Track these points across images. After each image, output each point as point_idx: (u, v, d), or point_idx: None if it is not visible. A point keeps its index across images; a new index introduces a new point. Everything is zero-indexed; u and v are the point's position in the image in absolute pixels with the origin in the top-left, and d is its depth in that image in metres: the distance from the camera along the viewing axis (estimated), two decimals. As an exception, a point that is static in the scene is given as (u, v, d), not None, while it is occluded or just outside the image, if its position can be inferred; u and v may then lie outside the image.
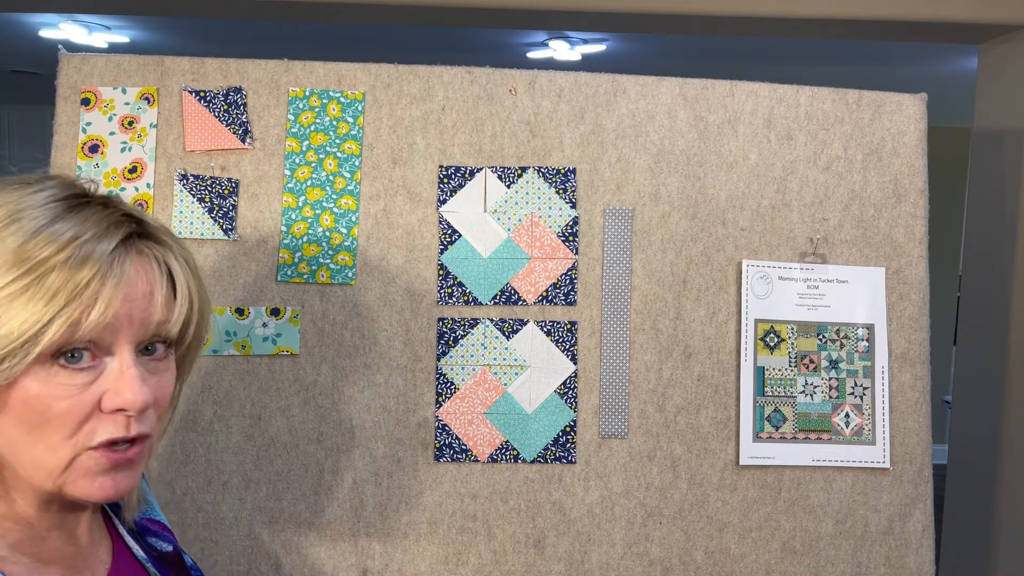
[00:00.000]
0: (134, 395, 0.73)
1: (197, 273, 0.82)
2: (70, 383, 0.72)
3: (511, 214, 1.35)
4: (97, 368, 0.73)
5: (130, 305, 0.74)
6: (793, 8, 1.81)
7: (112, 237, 0.73)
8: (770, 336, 1.38)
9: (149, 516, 0.96)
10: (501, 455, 1.33)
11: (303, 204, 1.32)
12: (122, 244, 0.74)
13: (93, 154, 1.30)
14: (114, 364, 0.73)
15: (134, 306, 0.74)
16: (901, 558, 1.39)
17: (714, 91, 1.39)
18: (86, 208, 0.75)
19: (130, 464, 0.76)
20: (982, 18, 1.84)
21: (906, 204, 1.42)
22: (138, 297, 0.74)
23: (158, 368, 0.78)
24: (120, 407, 0.73)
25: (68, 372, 0.72)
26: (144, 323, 0.75)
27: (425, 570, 1.32)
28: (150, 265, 0.76)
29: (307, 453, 1.31)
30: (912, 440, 1.40)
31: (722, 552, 1.36)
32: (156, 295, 0.76)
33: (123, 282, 0.73)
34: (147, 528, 0.93)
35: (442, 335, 1.33)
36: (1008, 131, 1.91)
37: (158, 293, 0.76)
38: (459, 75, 1.36)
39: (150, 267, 0.76)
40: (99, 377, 0.73)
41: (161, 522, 0.97)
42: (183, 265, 0.79)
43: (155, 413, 0.78)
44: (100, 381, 0.73)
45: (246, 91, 1.32)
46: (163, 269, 0.77)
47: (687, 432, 1.37)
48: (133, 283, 0.74)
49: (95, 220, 0.74)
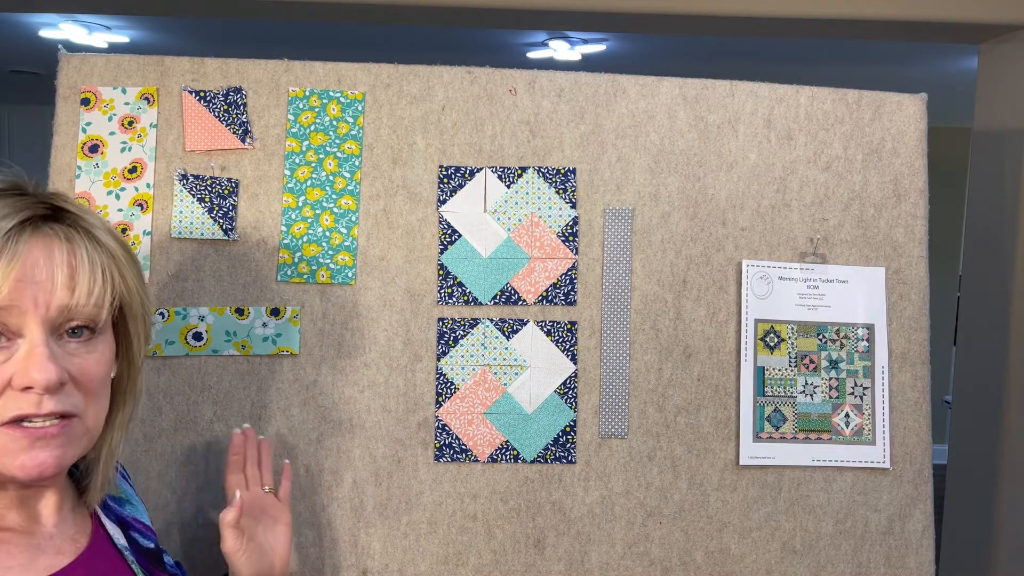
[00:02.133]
0: (39, 372, 0.75)
1: (124, 257, 0.83)
2: None
3: (511, 214, 1.35)
4: (10, 349, 0.76)
5: (33, 287, 0.75)
6: (793, 8, 1.81)
7: (11, 219, 0.75)
8: (770, 336, 1.38)
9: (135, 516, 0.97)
10: (501, 455, 1.33)
11: (303, 204, 1.32)
12: (20, 225, 0.76)
13: (93, 154, 1.30)
14: (24, 345, 0.76)
15: (37, 288, 0.76)
16: (901, 558, 1.39)
17: (714, 91, 1.39)
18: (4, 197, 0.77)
19: (51, 441, 0.78)
20: (982, 18, 1.84)
21: (906, 204, 1.42)
22: (41, 279, 0.76)
23: (80, 350, 0.80)
24: (27, 384, 0.75)
25: None
26: (51, 304, 0.76)
27: (425, 570, 1.32)
28: (53, 246, 0.78)
29: (307, 453, 1.31)
30: (912, 440, 1.40)
31: (722, 552, 1.36)
32: (58, 276, 0.77)
33: (15, 261, 0.74)
34: (133, 525, 0.95)
35: (442, 335, 1.33)
36: (1008, 131, 1.91)
37: (60, 274, 0.77)
38: (459, 75, 1.36)
39: (52, 246, 0.77)
40: (11, 358, 0.76)
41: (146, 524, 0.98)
42: (98, 247, 0.80)
43: (81, 393, 0.80)
44: (11, 361, 0.76)
45: (246, 91, 1.32)
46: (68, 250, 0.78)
47: (687, 432, 1.37)
48: (29, 263, 0.76)
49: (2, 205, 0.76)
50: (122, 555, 0.89)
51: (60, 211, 0.80)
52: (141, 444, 1.28)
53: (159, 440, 1.28)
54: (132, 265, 0.85)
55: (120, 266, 0.83)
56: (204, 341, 1.29)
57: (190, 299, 1.29)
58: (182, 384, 1.29)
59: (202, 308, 1.29)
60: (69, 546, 0.86)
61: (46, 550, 0.84)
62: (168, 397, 1.29)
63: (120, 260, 0.83)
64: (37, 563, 0.82)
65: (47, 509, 0.86)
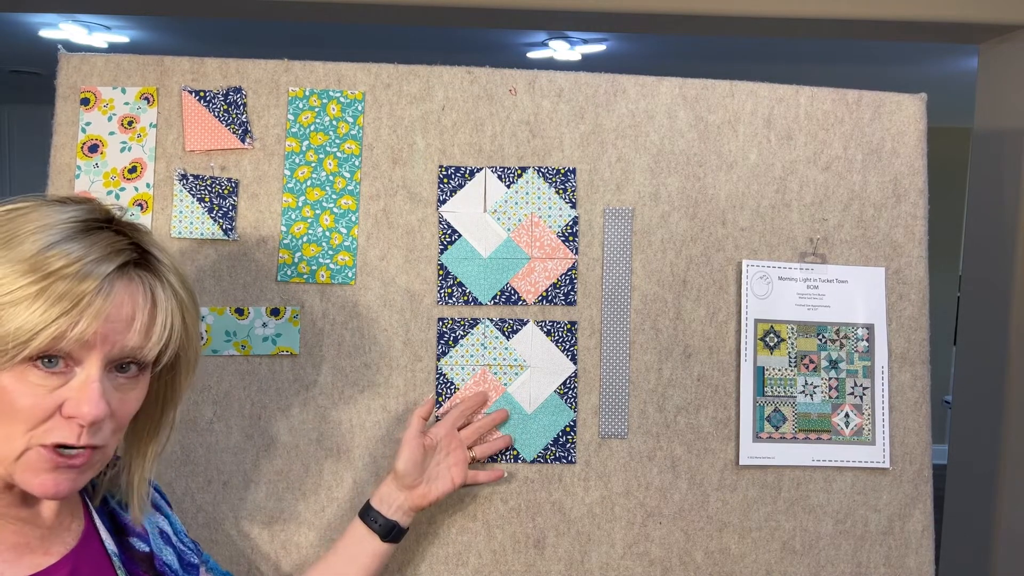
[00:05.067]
0: (90, 408, 0.78)
1: (190, 306, 0.88)
2: (40, 384, 0.78)
3: (511, 214, 1.35)
4: (67, 375, 0.79)
5: (110, 326, 0.79)
6: (793, 8, 1.81)
7: (112, 261, 0.80)
8: (770, 336, 1.38)
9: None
10: (501, 455, 1.33)
11: (303, 204, 1.32)
12: (119, 269, 0.80)
13: (93, 154, 1.30)
14: (81, 375, 0.79)
15: (113, 328, 0.80)
16: (901, 558, 1.39)
17: (714, 91, 1.39)
18: (98, 232, 0.82)
19: (74, 470, 0.81)
20: (982, 18, 1.84)
21: (906, 204, 1.42)
22: (120, 320, 0.80)
23: (125, 386, 0.84)
24: (75, 415, 0.79)
25: (41, 374, 0.78)
26: (117, 344, 0.80)
27: (425, 570, 1.32)
28: (138, 292, 0.82)
29: (307, 453, 1.31)
30: (912, 440, 1.40)
31: (722, 552, 1.36)
32: (136, 321, 0.81)
33: (110, 303, 0.79)
34: (132, 529, 0.97)
35: (442, 335, 1.33)
36: (1008, 131, 1.91)
37: (139, 320, 0.82)
38: (459, 75, 1.36)
39: (138, 293, 0.82)
40: (66, 384, 0.79)
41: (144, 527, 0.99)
42: (173, 296, 0.85)
43: (111, 427, 0.83)
44: (66, 387, 0.79)
45: (246, 91, 1.32)
46: (150, 298, 0.83)
47: (687, 432, 1.37)
48: (118, 306, 0.80)
49: (102, 244, 0.80)
50: (110, 559, 0.91)
51: (146, 255, 0.85)
52: (141, 444, 1.28)
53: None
54: (196, 314, 0.90)
55: (187, 315, 0.87)
56: (204, 341, 1.29)
57: (190, 299, 1.29)
58: (182, 384, 1.29)
59: (202, 308, 1.29)
60: (58, 548, 0.88)
61: (35, 550, 0.86)
62: (168, 397, 1.29)
63: (188, 310, 0.87)
64: (22, 561, 0.84)
65: (48, 510, 0.88)
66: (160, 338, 0.83)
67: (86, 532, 0.91)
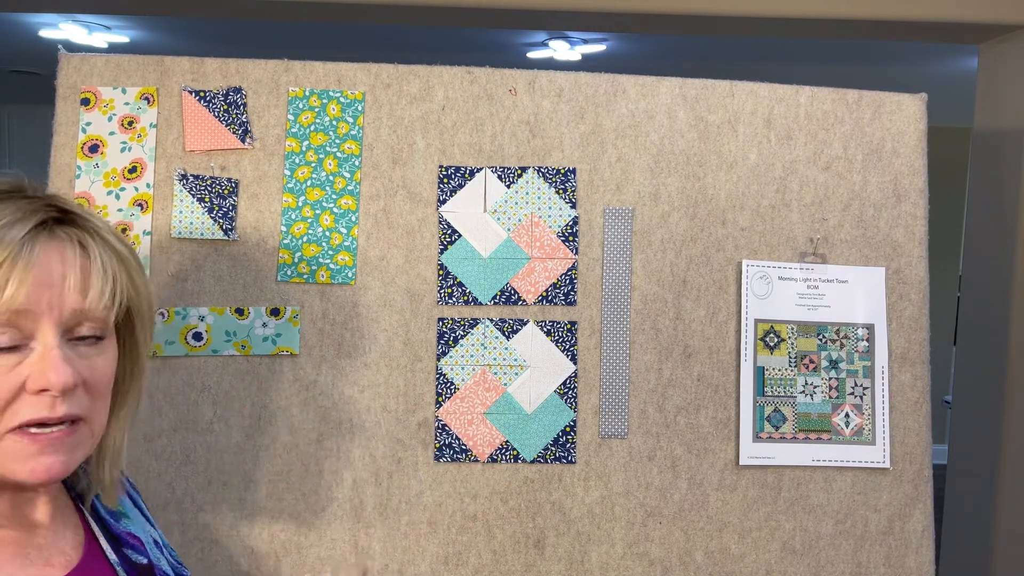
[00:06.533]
0: (56, 374, 0.75)
1: (130, 257, 0.84)
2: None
3: (511, 214, 1.35)
4: (23, 351, 0.76)
5: (47, 290, 0.76)
6: (793, 8, 1.81)
7: (25, 223, 0.76)
8: (770, 336, 1.38)
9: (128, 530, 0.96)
10: (501, 455, 1.33)
11: (303, 204, 1.32)
12: (35, 229, 0.76)
13: (93, 154, 1.30)
14: (39, 347, 0.76)
15: (52, 291, 0.76)
16: (901, 558, 1.39)
17: (714, 91, 1.39)
18: (9, 199, 0.77)
19: (60, 446, 0.78)
20: (982, 18, 1.84)
21: (906, 204, 1.42)
22: (54, 281, 0.76)
23: (90, 353, 0.80)
24: (43, 387, 0.75)
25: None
26: (64, 308, 0.77)
27: (425, 570, 1.32)
28: (66, 247, 0.78)
29: (307, 453, 1.31)
30: (912, 440, 1.40)
31: (722, 552, 1.36)
32: (70, 277, 0.77)
33: (32, 264, 0.75)
34: (126, 541, 0.94)
35: (442, 335, 1.33)
36: (1008, 131, 1.91)
37: (71, 275, 0.78)
38: (459, 75, 1.36)
39: (65, 249, 0.78)
40: (24, 360, 0.76)
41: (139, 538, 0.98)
42: (107, 248, 0.81)
43: (89, 396, 0.80)
44: (25, 364, 0.76)
45: (246, 91, 1.32)
46: (79, 251, 0.79)
47: (687, 432, 1.37)
48: (45, 266, 0.76)
49: (13, 209, 0.76)
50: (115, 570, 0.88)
51: (68, 214, 0.81)
52: (141, 444, 1.28)
53: (159, 440, 1.28)
54: (139, 267, 0.85)
55: (129, 269, 0.83)
56: (204, 341, 1.29)
57: (190, 299, 1.29)
58: (182, 384, 1.29)
59: (202, 308, 1.29)
60: (59, 559, 0.85)
61: (35, 561, 0.83)
62: (168, 397, 1.29)
63: (128, 263, 0.83)
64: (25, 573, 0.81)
65: (41, 516, 0.85)
66: (101, 291, 0.79)
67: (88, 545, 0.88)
